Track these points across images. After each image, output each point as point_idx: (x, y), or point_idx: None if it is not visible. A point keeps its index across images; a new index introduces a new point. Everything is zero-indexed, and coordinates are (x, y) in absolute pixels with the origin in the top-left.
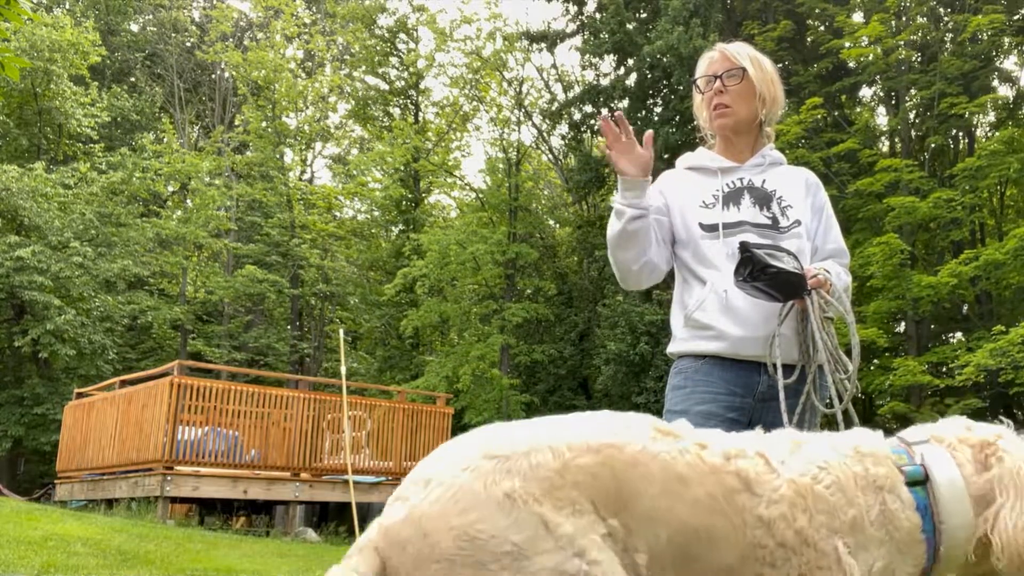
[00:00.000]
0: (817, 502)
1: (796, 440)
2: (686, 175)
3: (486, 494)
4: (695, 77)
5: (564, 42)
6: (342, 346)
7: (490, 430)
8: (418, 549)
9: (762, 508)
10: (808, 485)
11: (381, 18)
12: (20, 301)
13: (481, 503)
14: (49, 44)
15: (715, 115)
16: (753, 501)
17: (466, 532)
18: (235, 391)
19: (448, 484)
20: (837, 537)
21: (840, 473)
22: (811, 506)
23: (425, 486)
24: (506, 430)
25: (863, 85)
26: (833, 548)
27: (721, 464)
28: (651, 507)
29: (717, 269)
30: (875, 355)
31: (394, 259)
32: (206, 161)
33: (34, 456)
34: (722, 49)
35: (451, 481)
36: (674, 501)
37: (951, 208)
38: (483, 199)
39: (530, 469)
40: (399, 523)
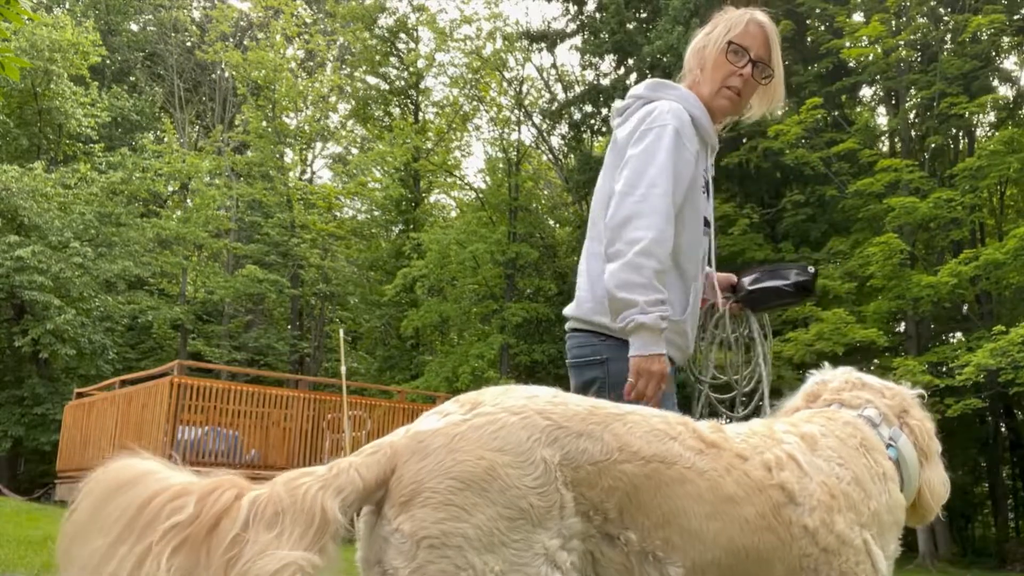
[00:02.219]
0: (846, 500)
1: (810, 435)
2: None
3: (527, 447)
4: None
5: (564, 42)
6: (342, 346)
7: (553, 393)
8: (440, 460)
9: (806, 518)
10: (836, 485)
11: (381, 18)
12: (20, 301)
13: (519, 452)
14: (49, 44)
15: (726, 93)
16: (797, 512)
17: (494, 467)
18: (235, 391)
19: (494, 418)
20: (864, 530)
21: (855, 467)
22: (842, 506)
23: (471, 410)
24: (569, 401)
25: (863, 85)
26: (863, 542)
27: (764, 477)
28: (699, 528)
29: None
30: (875, 355)
31: (394, 259)
32: (206, 161)
33: (34, 456)
34: (767, 29)
35: (499, 417)
36: (725, 523)
37: (951, 208)
38: (483, 199)
39: (576, 451)
40: (431, 432)
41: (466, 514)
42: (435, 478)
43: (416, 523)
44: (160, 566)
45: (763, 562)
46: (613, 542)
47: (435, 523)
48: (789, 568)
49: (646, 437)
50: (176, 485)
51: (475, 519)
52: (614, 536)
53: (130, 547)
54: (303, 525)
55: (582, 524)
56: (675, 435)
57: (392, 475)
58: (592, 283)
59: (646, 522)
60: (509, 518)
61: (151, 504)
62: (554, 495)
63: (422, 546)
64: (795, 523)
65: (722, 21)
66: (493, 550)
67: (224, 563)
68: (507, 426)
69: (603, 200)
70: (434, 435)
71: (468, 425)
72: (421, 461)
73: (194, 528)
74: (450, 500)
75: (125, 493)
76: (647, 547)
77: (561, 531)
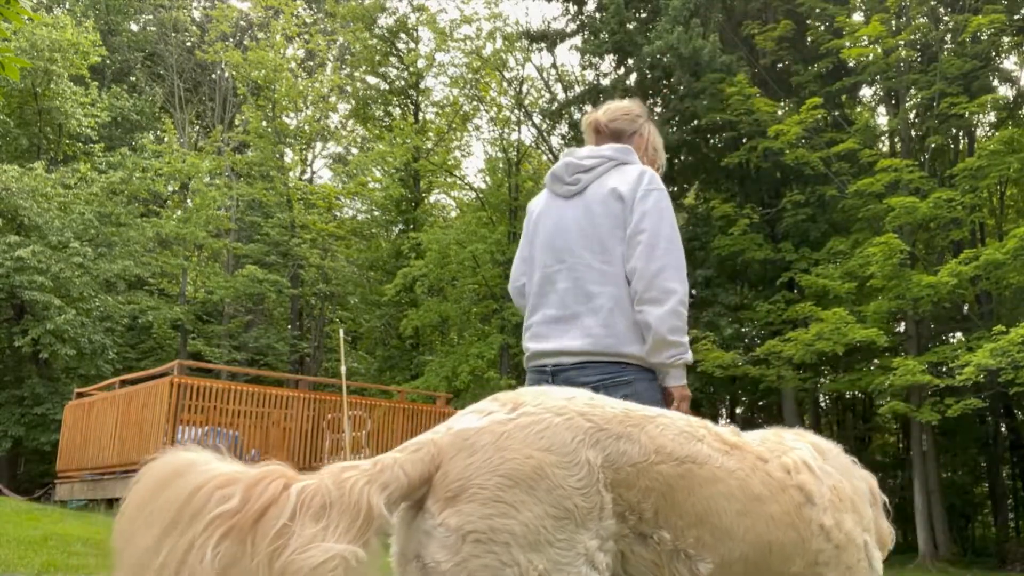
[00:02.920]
0: (851, 504)
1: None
2: None
3: (572, 448)
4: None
5: (564, 42)
6: (342, 346)
7: (590, 395)
8: (488, 457)
9: (822, 516)
10: (843, 489)
11: (381, 18)
12: (20, 301)
13: (565, 453)
14: (49, 44)
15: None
16: (815, 512)
17: (542, 467)
18: (235, 391)
19: (539, 419)
20: (865, 532)
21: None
22: (848, 508)
23: (514, 410)
24: (604, 403)
25: (863, 85)
26: (864, 542)
27: (785, 478)
28: (730, 525)
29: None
30: (875, 355)
31: (394, 259)
32: (206, 161)
33: (34, 456)
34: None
35: (544, 418)
36: (754, 520)
37: (951, 208)
38: (483, 199)
39: (616, 453)
40: (476, 430)
41: (514, 511)
42: (483, 475)
43: (462, 518)
44: (206, 555)
45: (785, 557)
46: (646, 541)
47: (482, 518)
48: (806, 562)
49: (677, 439)
50: (223, 474)
51: (522, 516)
52: (647, 535)
53: (177, 537)
54: (349, 518)
55: (617, 525)
56: (700, 437)
57: (436, 472)
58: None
59: (679, 521)
60: (555, 517)
61: (198, 494)
62: (596, 496)
63: (467, 540)
64: (813, 521)
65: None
66: (538, 549)
67: (270, 553)
68: (552, 427)
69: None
70: (480, 433)
71: (514, 424)
72: (468, 458)
73: (240, 517)
74: (499, 496)
75: (173, 484)
76: (680, 545)
77: (599, 532)
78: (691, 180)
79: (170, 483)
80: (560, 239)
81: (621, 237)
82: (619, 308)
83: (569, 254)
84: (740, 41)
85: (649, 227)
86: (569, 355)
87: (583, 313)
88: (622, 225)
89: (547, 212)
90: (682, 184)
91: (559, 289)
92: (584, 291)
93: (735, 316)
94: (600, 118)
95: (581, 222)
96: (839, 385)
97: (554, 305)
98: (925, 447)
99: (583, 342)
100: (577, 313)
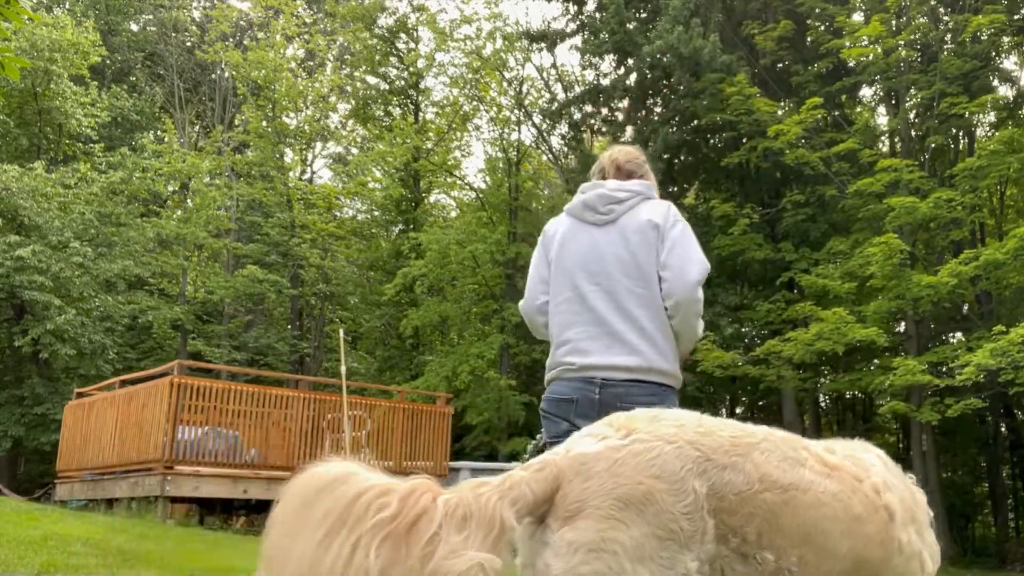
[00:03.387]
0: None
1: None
2: None
3: (680, 476)
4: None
5: (564, 42)
6: (342, 346)
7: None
8: (603, 482)
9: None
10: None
11: (381, 18)
12: (20, 301)
13: (673, 480)
14: (49, 44)
15: None
16: (896, 528)
17: (652, 493)
18: (235, 391)
19: (651, 446)
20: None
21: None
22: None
23: (627, 436)
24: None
25: (863, 85)
26: (920, 551)
27: (876, 499)
28: (834, 545)
29: None
30: (875, 355)
31: (394, 259)
32: (206, 161)
33: (34, 456)
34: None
35: (654, 446)
36: (854, 540)
37: (951, 208)
38: (483, 199)
39: (721, 483)
40: (593, 455)
41: (624, 527)
42: (598, 498)
43: (578, 532)
44: (369, 555)
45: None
46: (747, 560)
47: (596, 532)
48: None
49: (781, 466)
50: (380, 485)
51: (631, 532)
52: (749, 555)
53: (344, 537)
54: (485, 530)
55: (717, 547)
56: (803, 461)
57: (557, 492)
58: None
59: (783, 542)
60: (659, 537)
61: (359, 501)
62: (700, 522)
63: (580, 550)
64: (895, 538)
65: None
66: (643, 562)
67: (421, 557)
68: (663, 455)
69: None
70: (596, 459)
71: (627, 451)
72: (585, 482)
73: (396, 524)
74: (611, 515)
75: (334, 491)
76: (782, 564)
77: (700, 554)
78: (691, 180)
79: (333, 489)
80: (595, 263)
81: (655, 262)
82: (658, 330)
83: (605, 277)
84: (740, 41)
85: (682, 251)
86: (619, 371)
87: (625, 332)
88: (655, 252)
89: (575, 237)
90: (682, 184)
91: (596, 308)
92: (624, 311)
93: (735, 316)
94: (619, 157)
95: (617, 248)
96: (839, 385)
97: (592, 323)
98: (925, 447)
99: (632, 360)
100: (619, 331)
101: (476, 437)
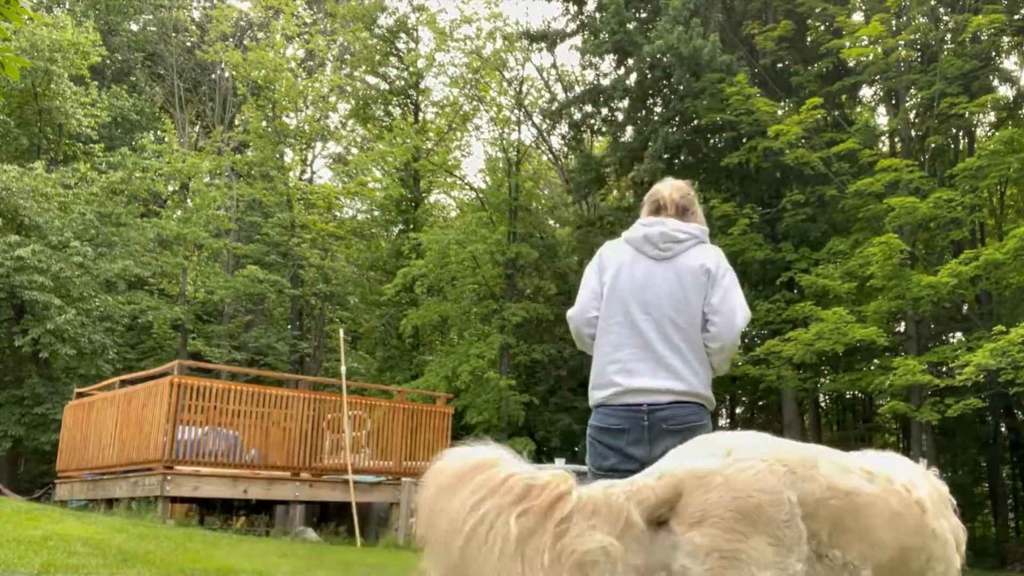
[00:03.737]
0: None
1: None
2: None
3: (776, 489)
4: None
5: (564, 42)
6: (342, 346)
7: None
8: (721, 495)
9: (933, 522)
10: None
11: (381, 18)
12: (20, 301)
13: (773, 493)
14: (50, 44)
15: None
16: (929, 518)
17: (760, 505)
18: (235, 391)
19: (750, 465)
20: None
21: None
22: (941, 512)
23: (727, 455)
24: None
25: (863, 85)
26: (948, 535)
27: (908, 495)
28: (883, 538)
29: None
30: (875, 355)
31: (394, 259)
32: (206, 161)
33: (34, 456)
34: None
35: (753, 465)
36: (896, 532)
37: (951, 208)
38: (483, 199)
39: (804, 492)
40: (709, 470)
41: (746, 538)
42: (720, 508)
43: (708, 539)
44: (509, 522)
45: (915, 558)
46: (821, 560)
47: (726, 541)
48: (926, 559)
49: (839, 474)
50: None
51: (752, 542)
52: (823, 555)
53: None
54: (612, 522)
55: (808, 549)
56: (851, 469)
57: (679, 499)
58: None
59: (846, 541)
60: (773, 544)
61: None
62: (796, 528)
63: (713, 555)
64: (928, 526)
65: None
66: (767, 568)
67: (555, 532)
68: (761, 472)
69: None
70: (712, 474)
71: (734, 468)
72: (706, 493)
73: (539, 502)
74: (734, 527)
75: (490, 468)
76: (847, 559)
77: (800, 556)
78: (691, 180)
79: (489, 467)
80: (650, 293)
81: (701, 303)
82: (697, 360)
83: (656, 308)
84: (740, 41)
85: (731, 300)
86: (664, 394)
87: (670, 358)
88: (704, 294)
89: (633, 266)
90: None
91: (646, 334)
92: (670, 341)
93: None
94: (674, 195)
95: (671, 284)
96: (839, 385)
97: (641, 347)
98: (925, 447)
99: (676, 384)
100: (664, 357)
101: (476, 437)
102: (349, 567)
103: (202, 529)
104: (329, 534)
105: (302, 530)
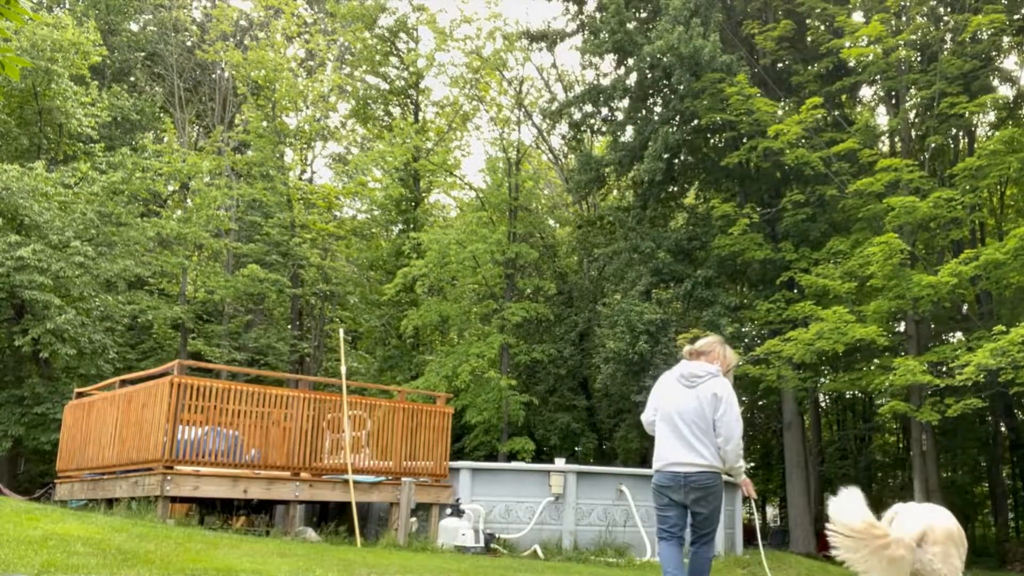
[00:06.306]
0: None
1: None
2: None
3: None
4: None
5: (564, 42)
6: (342, 346)
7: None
8: (949, 534)
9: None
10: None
11: (381, 18)
12: (20, 300)
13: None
14: (50, 44)
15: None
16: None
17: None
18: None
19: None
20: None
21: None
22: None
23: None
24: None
25: (863, 85)
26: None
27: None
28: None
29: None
30: (875, 355)
31: (394, 259)
32: (206, 161)
33: (34, 456)
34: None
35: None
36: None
37: (951, 208)
38: (483, 199)
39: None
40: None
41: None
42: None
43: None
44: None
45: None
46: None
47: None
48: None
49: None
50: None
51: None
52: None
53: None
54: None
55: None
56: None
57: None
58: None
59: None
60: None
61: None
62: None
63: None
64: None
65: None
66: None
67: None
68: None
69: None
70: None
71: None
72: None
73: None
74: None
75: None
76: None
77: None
78: (691, 180)
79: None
80: (684, 408)
81: (712, 415)
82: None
83: (687, 416)
84: (740, 41)
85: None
86: (694, 466)
87: (696, 446)
88: (715, 410)
89: (676, 390)
90: (682, 184)
91: (682, 432)
92: (697, 436)
93: (735, 316)
94: (701, 347)
95: (694, 404)
96: (839, 385)
97: (680, 439)
98: (925, 447)
99: (701, 460)
100: (693, 445)
101: (476, 437)
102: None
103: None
104: (329, 534)
105: (302, 530)
